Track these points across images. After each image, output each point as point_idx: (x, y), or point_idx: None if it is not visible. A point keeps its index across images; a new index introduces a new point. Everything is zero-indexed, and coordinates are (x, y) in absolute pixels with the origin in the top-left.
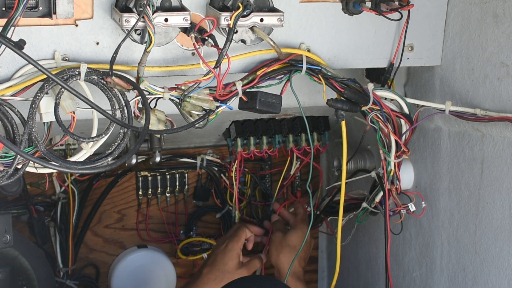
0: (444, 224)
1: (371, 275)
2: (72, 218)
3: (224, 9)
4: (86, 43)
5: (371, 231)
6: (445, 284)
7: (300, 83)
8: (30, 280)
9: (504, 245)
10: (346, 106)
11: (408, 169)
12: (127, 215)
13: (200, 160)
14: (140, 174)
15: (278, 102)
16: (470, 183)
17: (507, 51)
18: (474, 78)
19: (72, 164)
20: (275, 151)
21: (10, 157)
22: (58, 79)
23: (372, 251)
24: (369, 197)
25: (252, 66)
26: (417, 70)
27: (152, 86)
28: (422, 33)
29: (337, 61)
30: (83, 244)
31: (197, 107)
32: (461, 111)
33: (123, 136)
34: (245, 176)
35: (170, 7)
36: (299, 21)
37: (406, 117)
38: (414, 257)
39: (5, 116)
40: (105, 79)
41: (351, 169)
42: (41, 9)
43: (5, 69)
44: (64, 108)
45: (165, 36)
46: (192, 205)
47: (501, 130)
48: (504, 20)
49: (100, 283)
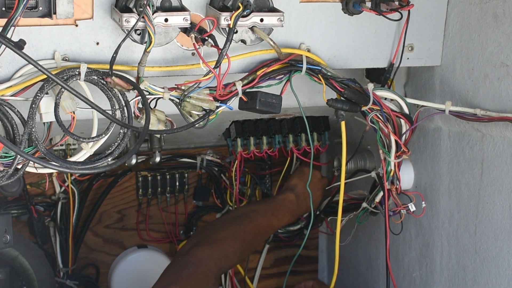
0: (444, 224)
1: (371, 275)
2: (72, 218)
3: (224, 9)
4: (86, 43)
5: (371, 231)
6: (445, 284)
7: (300, 83)
8: (30, 280)
9: (504, 245)
10: (346, 106)
11: (408, 169)
12: (127, 215)
13: (200, 160)
14: (140, 174)
15: (278, 102)
16: (470, 183)
17: (507, 51)
18: (474, 78)
19: (72, 164)
20: (275, 151)
21: (10, 157)
22: (58, 79)
23: (372, 251)
24: (369, 197)
25: (252, 66)
26: (417, 70)
27: (152, 86)
28: (422, 33)
29: (337, 61)
30: (83, 244)
31: (197, 107)
32: (461, 111)
33: (123, 136)
34: (245, 176)
35: (170, 7)
36: (299, 21)
37: (406, 117)
38: (414, 257)
39: (5, 116)
40: (105, 79)
41: (351, 169)
42: (41, 9)
43: (5, 69)
44: (64, 108)
45: (165, 36)
46: (192, 205)
47: (501, 130)
48: (504, 20)
49: (100, 283)
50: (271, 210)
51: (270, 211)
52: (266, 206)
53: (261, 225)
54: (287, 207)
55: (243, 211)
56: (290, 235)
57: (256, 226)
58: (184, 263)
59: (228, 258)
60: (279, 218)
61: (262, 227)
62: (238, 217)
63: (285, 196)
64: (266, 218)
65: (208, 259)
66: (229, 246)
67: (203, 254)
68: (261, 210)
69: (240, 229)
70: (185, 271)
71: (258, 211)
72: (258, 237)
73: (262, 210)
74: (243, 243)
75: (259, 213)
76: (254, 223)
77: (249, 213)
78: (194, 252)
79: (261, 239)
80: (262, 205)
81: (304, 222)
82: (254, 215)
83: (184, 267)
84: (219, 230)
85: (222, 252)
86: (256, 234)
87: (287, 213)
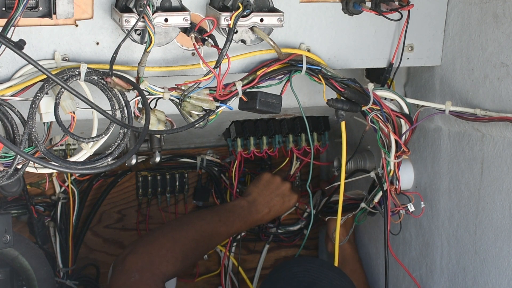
0: (444, 224)
1: (371, 275)
2: (72, 218)
3: (224, 9)
4: (86, 43)
5: (371, 231)
6: (445, 284)
7: (300, 83)
8: (30, 280)
9: (504, 245)
10: (346, 106)
11: (408, 169)
12: (127, 215)
13: (200, 160)
14: (140, 174)
15: (278, 102)
16: (470, 183)
17: (507, 51)
18: (474, 78)
19: (72, 164)
20: (275, 151)
21: (10, 157)
22: (58, 79)
23: (372, 251)
24: (367, 197)
25: (252, 66)
26: (417, 70)
27: (152, 86)
28: (422, 33)
29: (337, 61)
30: (83, 244)
31: (197, 107)
32: (461, 111)
33: (123, 136)
34: (245, 176)
35: (170, 7)
36: (299, 21)
37: (406, 117)
38: (414, 257)
39: (5, 116)
40: (105, 79)
41: (351, 169)
42: (41, 9)
43: (5, 69)
44: (64, 108)
45: (165, 36)
46: (192, 205)
47: (501, 130)
48: (504, 20)
49: (100, 283)
50: (218, 217)
51: (217, 217)
52: (213, 212)
53: (205, 231)
54: (237, 214)
55: (187, 218)
56: (290, 235)
57: (200, 233)
58: (126, 271)
59: (169, 263)
60: (228, 225)
61: (206, 233)
62: (180, 223)
63: (236, 203)
64: (211, 225)
65: (149, 265)
66: (169, 251)
67: (144, 261)
68: (206, 216)
69: (180, 235)
70: (132, 280)
71: (204, 218)
72: (202, 243)
73: (208, 216)
74: (184, 248)
75: (204, 220)
76: (197, 229)
77: (193, 219)
78: (133, 260)
79: (206, 245)
80: (208, 212)
81: (304, 222)
82: (197, 222)
83: (129, 276)
84: (159, 236)
85: (162, 257)
86: (199, 241)
87: (236, 220)
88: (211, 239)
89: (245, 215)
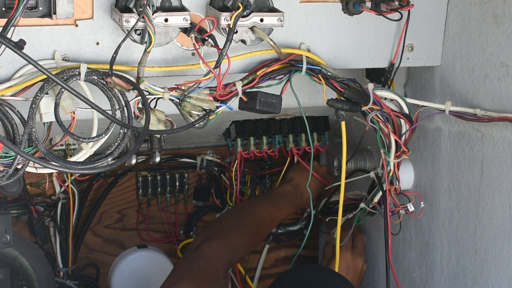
0: (444, 224)
1: (371, 275)
2: (72, 218)
3: (224, 9)
4: (86, 43)
5: (371, 231)
6: (445, 284)
7: (300, 83)
8: (30, 280)
9: (504, 245)
10: (346, 106)
11: (408, 169)
12: (127, 215)
13: (200, 160)
14: (140, 174)
15: (278, 102)
16: (470, 183)
17: (507, 51)
18: (474, 78)
19: (72, 164)
20: (275, 151)
21: (10, 157)
22: (58, 79)
23: (372, 251)
24: (367, 198)
25: (252, 66)
26: (417, 70)
27: (152, 86)
28: (422, 33)
29: (337, 61)
30: (83, 244)
31: (197, 107)
32: (461, 111)
33: (123, 136)
34: (245, 176)
35: (170, 7)
36: (299, 21)
37: (406, 117)
38: (414, 257)
39: (5, 116)
40: (105, 79)
41: (351, 169)
42: (41, 9)
43: (5, 69)
44: (64, 108)
45: (165, 36)
46: (192, 205)
47: (501, 130)
48: (504, 20)
49: (100, 283)
50: (272, 202)
51: (271, 203)
52: (267, 199)
53: (264, 217)
54: (287, 198)
55: (245, 205)
56: (290, 235)
57: (260, 218)
58: (194, 258)
59: (236, 251)
60: (281, 209)
61: (265, 219)
62: (242, 210)
63: (283, 188)
64: (268, 210)
65: (217, 253)
66: (237, 239)
67: (212, 249)
68: (262, 202)
69: (245, 222)
70: (196, 265)
71: (260, 203)
72: (263, 229)
73: (264, 202)
74: (250, 235)
75: (261, 206)
76: (257, 215)
77: (252, 206)
78: (203, 247)
79: (265, 231)
80: (262, 198)
81: (304, 222)
82: (256, 208)
83: (194, 262)
84: (226, 224)
85: (231, 245)
86: (261, 226)
87: (287, 204)
88: (269, 224)
89: (293, 199)
